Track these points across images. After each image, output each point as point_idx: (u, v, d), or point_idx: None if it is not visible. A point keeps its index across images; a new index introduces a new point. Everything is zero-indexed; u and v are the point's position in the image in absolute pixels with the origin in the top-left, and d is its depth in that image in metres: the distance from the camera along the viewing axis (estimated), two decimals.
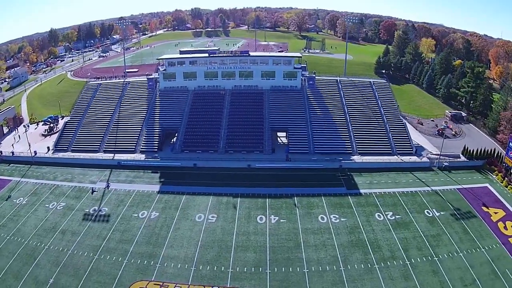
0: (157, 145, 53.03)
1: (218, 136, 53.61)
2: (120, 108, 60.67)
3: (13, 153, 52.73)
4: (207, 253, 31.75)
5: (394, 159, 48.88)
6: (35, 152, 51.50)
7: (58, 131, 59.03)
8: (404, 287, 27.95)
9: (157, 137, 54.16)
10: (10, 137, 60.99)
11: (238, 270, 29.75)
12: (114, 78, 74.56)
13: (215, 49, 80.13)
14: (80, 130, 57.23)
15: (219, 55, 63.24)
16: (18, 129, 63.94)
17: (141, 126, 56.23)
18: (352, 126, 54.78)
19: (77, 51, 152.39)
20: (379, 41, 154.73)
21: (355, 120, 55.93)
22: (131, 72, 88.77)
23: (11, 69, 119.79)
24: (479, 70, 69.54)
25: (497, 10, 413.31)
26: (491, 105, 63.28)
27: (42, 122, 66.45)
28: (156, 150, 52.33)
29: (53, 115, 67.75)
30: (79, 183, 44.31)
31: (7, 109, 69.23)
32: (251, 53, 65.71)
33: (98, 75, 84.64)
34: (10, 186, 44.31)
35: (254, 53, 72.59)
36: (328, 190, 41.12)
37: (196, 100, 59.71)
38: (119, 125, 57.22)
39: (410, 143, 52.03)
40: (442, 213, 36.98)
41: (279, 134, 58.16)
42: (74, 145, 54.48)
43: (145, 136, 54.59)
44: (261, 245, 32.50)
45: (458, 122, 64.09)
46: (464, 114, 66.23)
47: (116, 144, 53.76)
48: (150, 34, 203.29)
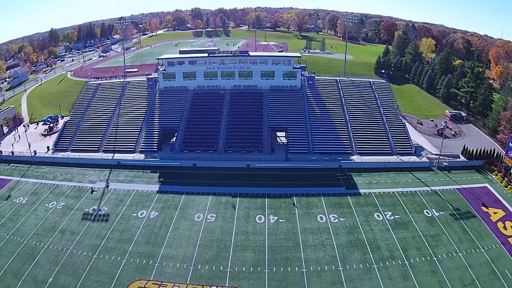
0: (157, 145, 53.07)
1: (218, 136, 53.63)
2: (120, 108, 60.72)
3: (13, 153, 52.83)
4: (206, 253, 31.77)
5: (394, 159, 48.86)
6: (35, 152, 51.57)
7: (58, 131, 59.12)
8: (403, 287, 27.92)
9: (157, 137, 54.20)
10: (10, 137, 61.08)
11: (237, 270, 29.76)
12: (114, 78, 74.60)
13: (215, 49, 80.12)
14: (80, 130, 57.30)
15: (219, 55, 63.27)
16: (18, 129, 64.03)
17: (141, 126, 56.28)
18: (352, 126, 54.77)
19: (77, 51, 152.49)
20: (379, 41, 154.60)
21: (355, 120, 55.91)
22: (131, 72, 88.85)
23: (11, 69, 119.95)
24: (479, 70, 69.49)
25: (497, 10, 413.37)
26: (491, 105, 63.22)
27: (42, 122, 66.54)
28: (156, 150, 52.37)
29: (53, 115, 67.81)
30: (79, 183, 44.38)
31: (7, 109, 69.35)
32: (251, 53, 65.78)
33: (98, 75, 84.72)
34: (10, 186, 44.39)
35: (254, 53, 72.67)
36: (327, 190, 41.13)
37: (196, 100, 59.74)
38: (119, 125, 57.27)
39: (410, 143, 52.00)
40: (442, 213, 36.96)
41: (279, 134, 58.15)
42: (74, 145, 54.53)
43: (145, 136, 54.63)
44: (260, 245, 32.51)
45: (458, 122, 64.04)
46: (464, 114, 66.18)
47: (116, 144, 53.81)
48: (150, 34, 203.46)
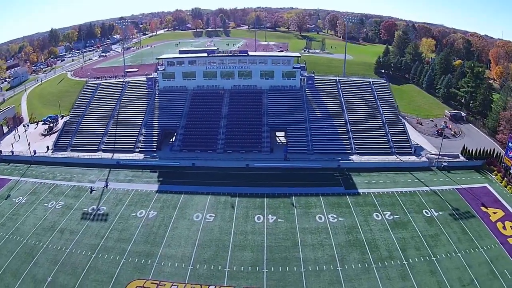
0: (156, 145, 53.09)
1: (217, 136, 53.64)
2: (119, 108, 60.76)
3: (13, 153, 52.90)
4: (205, 252, 31.78)
5: (393, 159, 48.84)
6: (35, 152, 51.63)
7: (58, 131, 59.19)
8: (402, 287, 27.89)
9: (156, 137, 54.22)
10: (10, 137, 61.15)
11: (235, 269, 29.75)
12: (114, 78, 74.68)
13: (214, 49, 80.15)
14: (79, 130, 57.35)
15: (218, 55, 63.30)
16: (18, 129, 64.10)
17: (140, 126, 56.30)
18: (351, 126, 54.75)
19: (78, 51, 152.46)
20: (380, 41, 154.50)
21: (354, 120, 55.88)
22: (131, 72, 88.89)
23: (12, 69, 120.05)
24: (479, 70, 69.45)
25: (497, 10, 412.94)
26: (491, 105, 63.16)
27: (42, 122, 66.61)
28: (155, 150, 52.38)
29: (53, 115, 67.85)
30: (78, 183, 44.41)
31: (7, 109, 69.37)
32: (250, 53, 65.84)
33: (98, 75, 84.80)
34: (10, 185, 44.43)
35: (253, 53, 72.74)
36: (326, 190, 41.11)
37: (195, 100, 59.75)
38: (118, 125, 57.29)
39: (409, 143, 51.97)
40: (441, 213, 36.92)
41: (278, 134, 58.13)
42: (73, 145, 54.57)
43: (144, 136, 54.66)
44: (259, 245, 32.51)
45: (458, 122, 63.99)
46: (464, 114, 66.13)
47: (115, 144, 53.84)
48: (151, 34, 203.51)
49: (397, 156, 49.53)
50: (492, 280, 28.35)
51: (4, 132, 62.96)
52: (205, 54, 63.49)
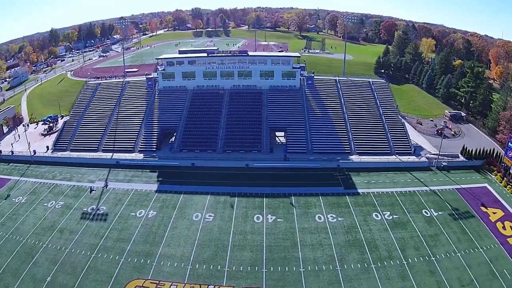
0: (156, 145, 53.10)
1: (217, 136, 53.64)
2: (119, 108, 60.78)
3: (13, 152, 52.94)
4: (204, 252, 31.78)
5: (393, 159, 48.82)
6: (35, 152, 51.68)
7: (58, 131, 59.22)
8: (401, 287, 27.88)
9: (156, 137, 54.24)
10: (10, 137, 61.21)
11: (234, 269, 29.75)
12: (114, 78, 74.71)
13: (214, 49, 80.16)
14: (79, 130, 57.38)
15: (218, 55, 63.27)
16: (18, 129, 64.15)
17: (140, 126, 56.32)
18: (351, 126, 54.74)
19: (78, 51, 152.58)
20: (380, 41, 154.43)
21: (354, 120, 55.87)
22: (131, 72, 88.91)
23: (12, 69, 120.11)
24: (479, 70, 69.44)
25: (497, 10, 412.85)
26: (491, 105, 63.15)
27: (42, 122, 66.66)
28: (155, 150, 52.39)
29: (53, 115, 67.90)
30: (78, 182, 44.45)
31: (7, 109, 69.44)
32: (250, 53, 65.84)
33: (98, 75, 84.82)
34: (9, 185, 44.47)
35: (253, 53, 72.72)
36: (326, 190, 41.09)
37: (195, 100, 59.77)
38: (118, 125, 57.31)
39: (409, 143, 51.95)
40: (440, 213, 36.90)
41: (278, 134, 58.15)
42: (73, 145, 54.61)
43: (144, 136, 54.68)
44: (258, 244, 32.50)
45: (458, 122, 63.96)
46: (464, 114, 66.10)
47: (115, 144, 53.85)
48: (151, 34, 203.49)
49: (397, 156, 49.51)
50: (492, 280, 28.31)
51: (4, 132, 63.02)
52: (205, 54, 63.51)
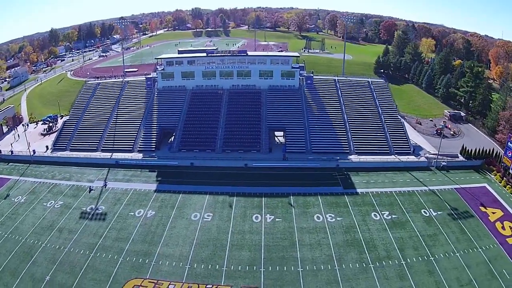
0: (155, 144, 53.12)
1: (216, 136, 53.64)
2: (118, 108, 60.82)
3: (12, 152, 52.96)
4: (202, 252, 31.79)
5: (392, 159, 48.80)
6: (34, 151, 51.73)
7: (57, 131, 59.25)
8: (399, 287, 27.85)
9: (155, 136, 54.27)
10: (10, 136, 61.24)
11: (233, 269, 29.77)
12: (114, 78, 74.73)
13: (213, 49, 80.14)
14: (79, 129, 57.40)
15: (217, 55, 63.27)
16: (18, 128, 64.16)
17: (139, 125, 56.35)
18: (350, 126, 54.72)
19: (78, 51, 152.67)
20: (379, 41, 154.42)
21: (353, 120, 55.85)
22: (131, 72, 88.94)
23: (12, 69, 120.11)
24: (478, 70, 69.42)
25: (497, 10, 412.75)
26: (490, 105, 63.14)
27: (41, 122, 66.68)
28: (154, 149, 52.41)
29: (52, 115, 67.86)
30: (77, 182, 44.48)
31: (7, 108, 69.46)
32: (249, 53, 65.83)
33: (98, 75, 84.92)
34: (9, 185, 44.49)
35: (252, 53, 72.68)
36: (325, 190, 41.09)
37: (194, 100, 59.78)
38: (117, 124, 57.34)
39: (408, 143, 51.93)
40: (439, 213, 36.88)
41: (277, 134, 58.18)
42: (73, 144, 54.64)
43: (143, 135, 54.70)
44: (256, 244, 32.51)
45: (457, 122, 63.93)
46: (463, 114, 66.06)
47: (114, 143, 53.86)
48: (151, 34, 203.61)
49: (396, 156, 49.49)
50: (491, 280, 28.27)
51: (4, 132, 63.05)
52: (204, 54, 63.52)
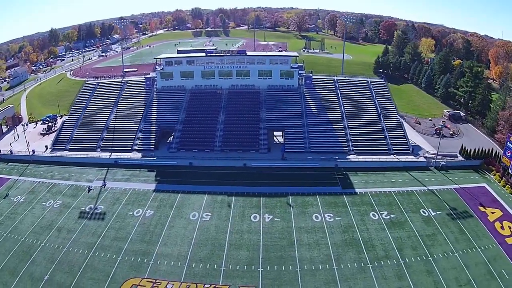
0: (154, 144, 53.15)
1: (214, 135, 53.66)
2: (118, 107, 60.85)
3: (12, 152, 52.99)
4: (200, 251, 31.81)
5: (391, 159, 48.78)
6: (33, 151, 51.77)
7: (56, 130, 59.27)
8: (398, 287, 27.83)
9: (154, 136, 54.30)
10: (9, 136, 61.30)
11: (231, 268, 29.79)
12: (113, 78, 74.75)
13: (213, 49, 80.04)
14: (78, 129, 57.42)
15: (217, 55, 63.23)
16: (17, 128, 64.19)
17: (138, 125, 56.36)
18: (349, 126, 54.72)
19: (77, 51, 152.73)
20: (379, 41, 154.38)
21: (352, 120, 55.85)
22: (130, 72, 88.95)
23: (11, 69, 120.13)
24: (478, 70, 69.43)
25: (497, 10, 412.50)
26: (490, 105, 63.15)
27: (41, 121, 66.72)
28: (153, 149, 52.45)
29: (52, 114, 67.96)
30: (76, 182, 44.50)
31: (6, 108, 69.47)
32: (248, 53, 65.90)
33: (97, 75, 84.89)
34: (8, 185, 44.53)
35: (251, 53, 72.67)
36: (323, 189, 41.09)
37: (193, 99, 59.79)
38: (116, 124, 57.35)
39: (407, 143, 51.92)
40: (438, 213, 36.86)
41: (276, 133, 58.17)
42: (72, 144, 54.69)
43: (142, 135, 54.73)
44: (254, 244, 32.52)
45: (457, 122, 63.90)
46: (463, 114, 66.04)
47: (113, 143, 53.88)
48: (150, 34, 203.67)
49: (395, 156, 49.47)
50: (490, 281, 28.24)
51: (3, 132, 63.13)
52: (203, 54, 63.48)
